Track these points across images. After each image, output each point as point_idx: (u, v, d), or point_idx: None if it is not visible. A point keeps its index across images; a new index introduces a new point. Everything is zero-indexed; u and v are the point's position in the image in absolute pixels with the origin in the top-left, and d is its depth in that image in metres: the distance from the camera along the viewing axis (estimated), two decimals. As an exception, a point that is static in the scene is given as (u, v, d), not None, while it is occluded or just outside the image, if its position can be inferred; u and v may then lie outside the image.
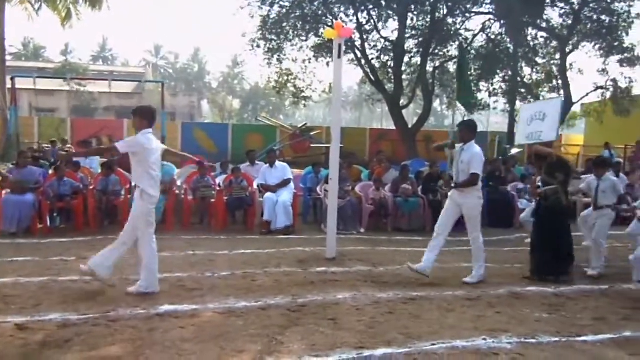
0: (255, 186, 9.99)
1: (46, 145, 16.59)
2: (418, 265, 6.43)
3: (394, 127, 23.83)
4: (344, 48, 7.07)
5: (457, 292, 6.00)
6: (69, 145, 15.90)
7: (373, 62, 21.93)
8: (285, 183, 9.73)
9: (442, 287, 6.19)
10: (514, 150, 18.76)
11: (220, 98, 70.67)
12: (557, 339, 4.64)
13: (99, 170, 10.27)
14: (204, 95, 71.92)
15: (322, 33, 21.57)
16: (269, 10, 21.15)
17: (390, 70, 22.17)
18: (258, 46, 21.56)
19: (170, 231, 9.14)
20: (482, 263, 6.49)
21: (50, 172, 10.02)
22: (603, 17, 21.17)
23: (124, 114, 34.47)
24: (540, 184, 6.95)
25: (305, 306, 5.36)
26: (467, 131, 6.56)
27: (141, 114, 5.74)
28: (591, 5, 21.18)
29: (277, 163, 9.98)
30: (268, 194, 9.44)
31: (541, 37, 22.94)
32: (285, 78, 23.01)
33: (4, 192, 9.00)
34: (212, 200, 9.67)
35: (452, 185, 6.54)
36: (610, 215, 7.07)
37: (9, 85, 20.22)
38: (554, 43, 22.65)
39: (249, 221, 9.81)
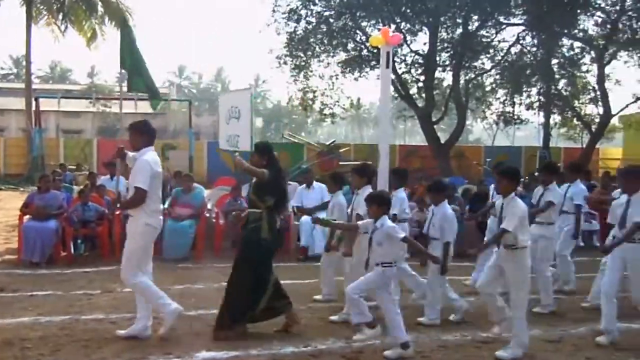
0: (289, 209, 9.32)
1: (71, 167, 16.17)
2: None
3: (421, 143, 23.12)
4: (394, 56, 6.42)
5: (533, 332, 5.17)
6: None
7: (403, 76, 21.29)
8: (324, 206, 9.03)
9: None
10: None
11: (244, 117, 70.61)
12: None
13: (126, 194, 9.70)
14: (227, 114, 71.96)
15: (350, 48, 21.09)
16: (295, 27, 20.74)
17: (421, 84, 21.51)
18: (285, 63, 21.11)
19: (201, 259, 8.52)
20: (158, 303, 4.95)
21: (74, 196, 9.51)
22: (643, 25, 20.27)
23: (148, 134, 34.37)
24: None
25: (362, 352, 4.66)
26: (137, 135, 5.07)
27: None
28: (629, 13, 20.31)
29: (314, 183, 9.31)
30: (305, 218, 8.77)
31: (577, 47, 22.11)
32: (312, 95, 22.50)
33: (25, 218, 8.49)
34: (245, 224, 9.01)
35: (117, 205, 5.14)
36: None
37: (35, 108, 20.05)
38: (592, 53, 21.77)
39: (284, 247, 9.13)
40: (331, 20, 20.25)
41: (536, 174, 14.38)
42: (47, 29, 24.37)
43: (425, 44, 20.97)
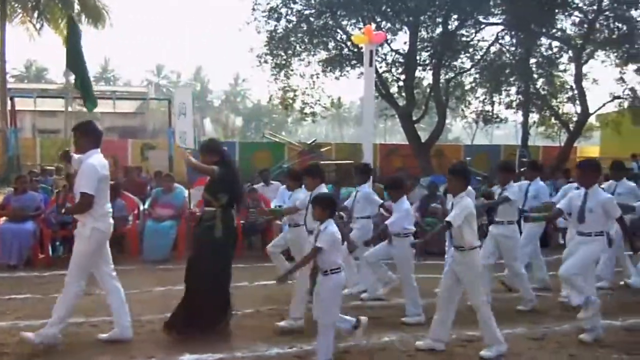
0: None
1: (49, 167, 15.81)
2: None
3: (402, 142, 23.17)
4: (375, 55, 6.42)
5: (516, 330, 5.24)
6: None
7: (384, 75, 21.32)
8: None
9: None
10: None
11: (223, 116, 70.34)
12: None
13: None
14: (206, 113, 71.61)
15: (331, 46, 21.06)
16: (276, 25, 20.63)
17: (401, 83, 21.57)
18: (265, 62, 21.00)
19: (182, 260, 8.38)
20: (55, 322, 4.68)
21: (53, 197, 9.33)
22: (619, 25, 20.57)
23: (127, 134, 33.98)
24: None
25: (348, 352, 4.62)
26: (81, 137, 4.83)
27: None
28: (606, 13, 20.60)
29: (297, 183, 9.24)
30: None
31: (555, 46, 22.36)
32: (292, 94, 22.43)
33: (1, 220, 8.31)
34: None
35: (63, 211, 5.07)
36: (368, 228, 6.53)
37: (10, 107, 19.65)
38: (569, 52, 22.04)
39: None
40: (312, 19, 20.17)
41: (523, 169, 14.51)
42: (22, 27, 23.95)
43: (405, 43, 21.03)
